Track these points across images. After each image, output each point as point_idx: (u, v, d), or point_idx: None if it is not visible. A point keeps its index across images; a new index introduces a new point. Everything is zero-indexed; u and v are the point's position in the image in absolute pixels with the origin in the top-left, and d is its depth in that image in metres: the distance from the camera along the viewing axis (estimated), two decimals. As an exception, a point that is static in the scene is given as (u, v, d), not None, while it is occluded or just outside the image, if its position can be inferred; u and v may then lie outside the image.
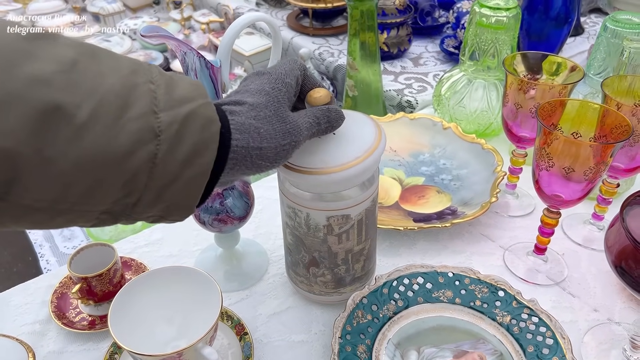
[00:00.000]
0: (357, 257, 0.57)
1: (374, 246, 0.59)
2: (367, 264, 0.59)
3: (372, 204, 0.55)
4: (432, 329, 0.59)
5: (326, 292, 0.59)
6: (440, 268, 0.62)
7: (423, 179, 0.80)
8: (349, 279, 0.59)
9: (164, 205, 0.36)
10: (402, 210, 0.74)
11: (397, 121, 0.88)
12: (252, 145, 0.38)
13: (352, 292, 0.59)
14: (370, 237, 0.57)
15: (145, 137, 0.33)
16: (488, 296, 0.60)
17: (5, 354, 0.55)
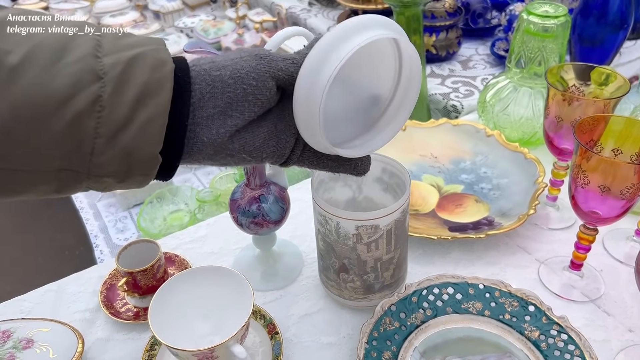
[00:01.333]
0: (387, 265, 0.58)
1: (404, 255, 0.61)
2: (397, 272, 0.61)
3: (402, 215, 0.56)
4: (459, 339, 0.59)
5: (355, 297, 0.61)
6: (471, 279, 0.63)
7: (462, 187, 0.80)
8: (378, 286, 0.60)
9: (123, 154, 0.34)
10: (438, 219, 0.74)
11: (439, 127, 0.88)
12: (203, 62, 0.38)
13: (382, 299, 0.61)
14: (400, 246, 0.58)
15: (86, 78, 0.32)
16: (518, 310, 0.60)
17: (59, 338, 0.60)
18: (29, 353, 0.58)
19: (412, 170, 0.83)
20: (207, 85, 0.37)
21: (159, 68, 0.35)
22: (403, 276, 0.63)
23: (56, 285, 0.71)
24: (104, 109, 0.33)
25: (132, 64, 0.34)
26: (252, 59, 0.38)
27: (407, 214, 0.57)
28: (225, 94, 0.37)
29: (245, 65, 0.38)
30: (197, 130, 0.38)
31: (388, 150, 0.84)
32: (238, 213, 0.62)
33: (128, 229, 0.90)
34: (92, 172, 0.35)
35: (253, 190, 0.61)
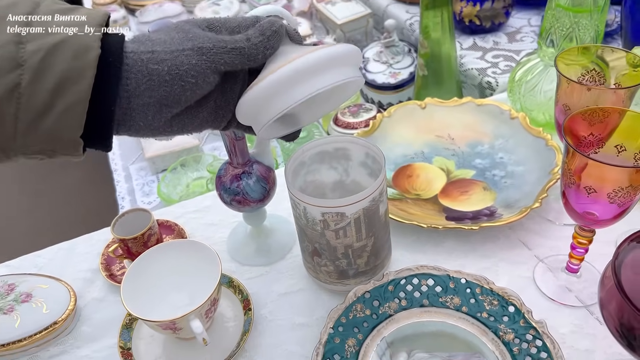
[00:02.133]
0: (359, 252, 0.57)
1: (381, 243, 0.59)
2: (373, 260, 0.59)
3: (373, 203, 0.54)
4: (430, 333, 0.57)
5: (330, 281, 0.61)
6: (453, 273, 0.60)
7: (473, 172, 0.76)
8: (352, 272, 0.59)
9: (45, 137, 0.36)
10: (438, 205, 0.71)
11: (462, 106, 0.84)
12: (142, 49, 0.37)
13: (357, 285, 0.60)
14: (374, 234, 0.57)
15: (5, 66, 0.34)
16: (497, 310, 0.57)
17: (55, 295, 0.65)
18: (26, 306, 0.63)
19: (425, 152, 0.80)
20: (144, 77, 0.37)
21: (81, 55, 0.35)
22: (382, 263, 0.61)
23: (68, 244, 0.76)
24: (23, 96, 0.34)
25: (54, 52, 0.35)
26: (194, 54, 0.38)
27: (380, 203, 0.55)
28: (161, 88, 0.38)
29: (185, 61, 0.38)
30: (133, 115, 0.38)
31: (403, 130, 0.82)
32: (221, 190, 0.63)
33: (153, 192, 0.95)
34: (19, 151, 0.37)
35: (235, 169, 0.62)
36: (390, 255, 0.63)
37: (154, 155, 0.97)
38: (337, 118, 0.92)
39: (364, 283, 0.60)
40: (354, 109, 0.93)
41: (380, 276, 0.61)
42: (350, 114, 0.92)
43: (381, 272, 0.62)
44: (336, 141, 0.60)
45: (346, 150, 0.60)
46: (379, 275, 0.61)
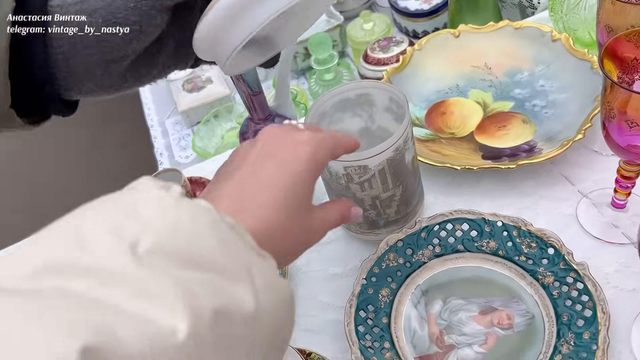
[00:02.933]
0: (387, 203, 0.56)
1: (411, 190, 0.57)
2: (403, 209, 0.58)
3: (397, 153, 0.52)
4: (467, 279, 0.56)
5: (362, 231, 0.60)
6: (489, 216, 0.58)
7: (512, 104, 0.71)
8: (382, 222, 0.58)
9: None
10: (474, 143, 0.68)
11: (499, 31, 0.78)
12: (70, 1, 0.33)
13: (389, 234, 0.59)
14: (402, 183, 0.55)
15: None
16: (535, 252, 0.55)
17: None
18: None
19: (460, 85, 0.76)
20: (76, 36, 0.33)
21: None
22: (414, 210, 0.59)
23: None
24: None
25: None
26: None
27: (406, 151, 0.53)
28: (99, 43, 0.34)
29: (122, 6, 0.33)
30: (78, 78, 0.36)
31: (436, 62, 0.78)
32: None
33: (189, 146, 0.95)
34: None
35: (257, 124, 0.60)
36: (423, 201, 0.61)
37: (187, 109, 0.97)
38: (366, 54, 0.87)
39: (396, 232, 0.59)
40: (384, 42, 0.88)
41: (413, 223, 0.59)
42: (380, 49, 0.87)
43: (413, 219, 0.60)
44: (357, 87, 0.57)
45: (369, 96, 0.58)
46: (412, 222, 0.60)
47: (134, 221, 0.24)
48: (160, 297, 0.22)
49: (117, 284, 0.22)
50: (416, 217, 0.60)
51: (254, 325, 0.25)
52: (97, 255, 0.23)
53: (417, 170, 0.58)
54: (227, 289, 0.24)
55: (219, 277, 0.24)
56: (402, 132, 0.51)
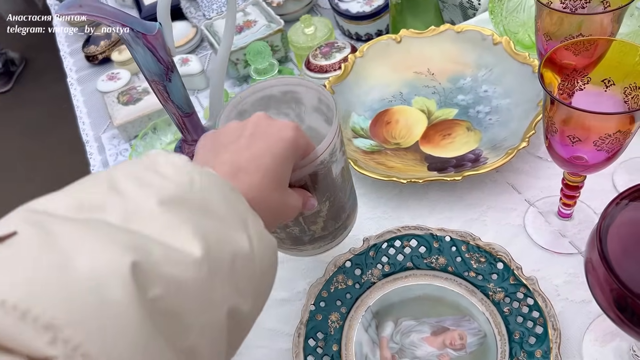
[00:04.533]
0: (312, 219, 0.51)
1: (341, 204, 0.52)
2: (331, 224, 0.53)
3: (322, 167, 0.47)
4: (417, 298, 0.54)
5: (286, 247, 0.55)
6: (437, 231, 0.56)
7: (456, 111, 0.70)
8: (307, 238, 0.53)
9: None
10: (420, 153, 0.66)
11: (441, 35, 0.76)
12: None
13: (314, 250, 0.55)
14: (329, 198, 0.50)
15: None
16: (485, 267, 0.53)
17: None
18: None
19: (403, 93, 0.74)
20: None
21: None
22: (344, 225, 0.55)
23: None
24: None
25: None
26: None
27: (332, 163, 0.48)
28: None
29: None
30: None
31: (379, 69, 0.76)
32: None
33: (127, 162, 0.89)
34: None
35: (190, 146, 0.57)
36: (355, 214, 0.57)
37: (124, 122, 0.91)
38: (308, 61, 0.85)
39: (322, 247, 0.55)
40: (326, 49, 0.86)
41: (360, 242, 0.57)
42: (322, 55, 0.84)
43: (345, 232, 0.56)
44: (281, 84, 0.52)
45: (295, 94, 0.52)
46: (343, 236, 0.55)
47: (157, 176, 0.30)
48: (182, 233, 0.28)
49: (147, 222, 0.27)
50: (346, 231, 0.56)
51: (248, 265, 0.31)
52: (129, 199, 0.28)
53: (349, 182, 0.53)
54: (229, 232, 0.31)
55: (223, 224, 0.31)
56: (327, 145, 0.46)
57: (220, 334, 0.29)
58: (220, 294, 0.29)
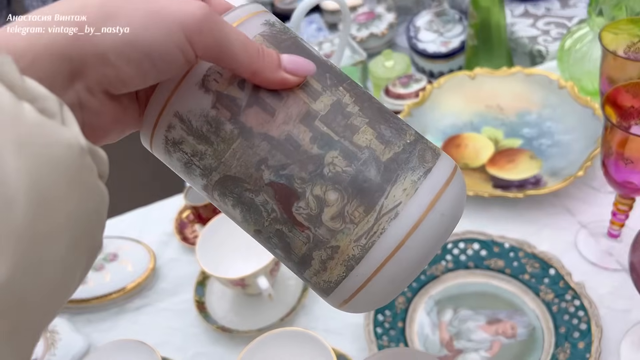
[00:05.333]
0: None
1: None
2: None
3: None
4: (474, 293, 0.62)
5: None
6: (497, 238, 0.65)
7: (521, 141, 0.79)
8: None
9: None
10: (485, 174, 0.75)
11: (512, 76, 0.86)
12: None
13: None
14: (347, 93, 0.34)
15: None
16: (538, 272, 0.61)
17: (137, 255, 0.73)
18: (114, 265, 0.72)
19: (474, 122, 0.83)
20: None
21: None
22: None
23: (145, 209, 0.84)
24: None
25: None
26: None
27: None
28: None
29: None
30: None
31: (452, 100, 0.86)
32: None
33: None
34: None
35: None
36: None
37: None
38: (388, 89, 0.95)
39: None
40: (405, 79, 0.96)
41: (428, 240, 0.66)
42: (400, 84, 0.95)
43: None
44: None
45: None
46: None
47: None
48: None
49: None
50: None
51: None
52: None
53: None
54: None
55: None
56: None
57: None
58: None
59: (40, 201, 0.18)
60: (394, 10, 1.27)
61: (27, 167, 0.17)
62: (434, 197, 0.27)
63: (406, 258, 0.27)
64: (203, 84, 0.27)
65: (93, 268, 0.73)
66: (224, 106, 0.27)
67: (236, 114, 0.27)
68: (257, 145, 0.27)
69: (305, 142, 0.27)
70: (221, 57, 0.25)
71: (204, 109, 0.27)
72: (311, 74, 0.28)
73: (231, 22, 0.28)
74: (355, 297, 0.28)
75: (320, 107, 0.28)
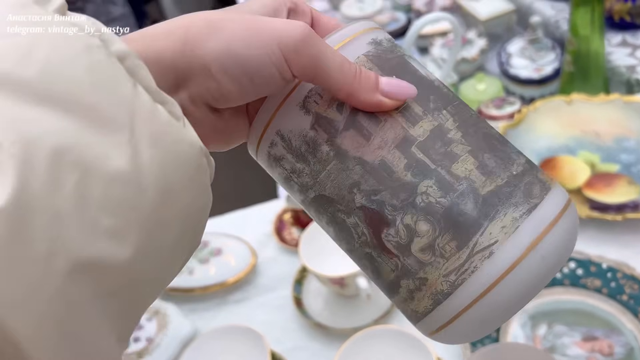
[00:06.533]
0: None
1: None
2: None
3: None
4: (569, 310, 0.63)
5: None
6: (595, 258, 0.65)
7: (618, 166, 0.79)
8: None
9: None
10: (582, 196, 0.76)
11: (610, 103, 0.86)
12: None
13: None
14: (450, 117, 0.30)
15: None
16: (637, 294, 0.61)
17: (239, 252, 0.79)
18: (218, 259, 0.78)
19: (569, 145, 0.84)
20: None
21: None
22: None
23: (248, 210, 0.90)
24: None
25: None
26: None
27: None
28: None
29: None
30: None
31: (548, 123, 0.87)
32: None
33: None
34: None
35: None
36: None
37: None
38: (480, 111, 0.98)
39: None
40: (498, 102, 0.98)
41: (523, 256, 0.67)
42: (494, 106, 0.97)
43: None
44: None
45: None
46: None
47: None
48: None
49: None
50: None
51: (125, 190, 0.19)
52: None
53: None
54: (88, 137, 0.18)
55: (79, 119, 0.18)
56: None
57: (61, 304, 0.18)
58: (45, 245, 0.17)
59: (166, 190, 0.20)
60: (484, 36, 1.29)
61: (159, 159, 0.20)
62: (535, 237, 0.25)
63: (497, 301, 0.25)
64: (304, 104, 0.28)
65: (199, 260, 0.79)
66: (322, 128, 0.28)
67: (333, 136, 0.27)
68: (351, 168, 0.27)
69: (399, 168, 0.26)
70: (317, 77, 0.26)
71: (303, 129, 0.28)
72: (411, 97, 0.27)
73: (337, 42, 0.28)
74: (441, 331, 0.27)
75: (419, 132, 0.27)
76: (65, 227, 0.18)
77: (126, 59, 0.21)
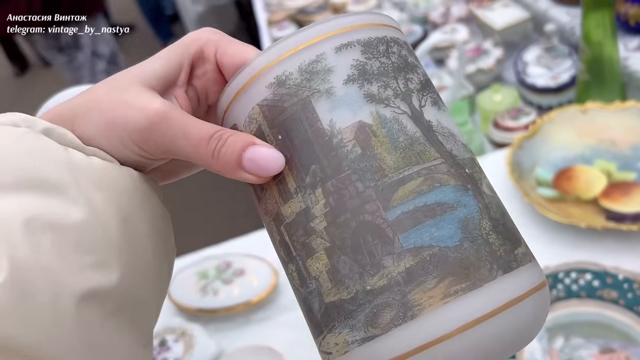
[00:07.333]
0: (302, 232, 0.32)
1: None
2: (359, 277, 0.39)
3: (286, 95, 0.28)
4: (586, 322, 0.63)
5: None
6: (611, 269, 0.65)
7: (635, 175, 0.79)
8: (314, 303, 0.37)
9: None
10: (598, 207, 0.76)
11: (626, 110, 0.86)
12: None
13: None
14: (332, 190, 0.28)
15: None
16: (655, 305, 0.61)
17: (261, 271, 0.81)
18: (241, 279, 0.81)
19: (585, 154, 0.84)
20: None
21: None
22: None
23: (265, 232, 0.93)
24: None
25: None
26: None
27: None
28: None
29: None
30: None
31: (563, 133, 0.87)
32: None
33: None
34: None
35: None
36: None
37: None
38: (496, 122, 0.98)
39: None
40: (514, 113, 0.99)
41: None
42: (510, 117, 0.97)
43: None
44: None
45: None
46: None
47: None
48: None
49: None
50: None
51: (90, 231, 0.23)
52: None
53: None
54: (46, 202, 0.22)
55: (34, 191, 0.22)
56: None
57: (73, 329, 0.21)
58: (50, 291, 0.21)
59: (124, 218, 0.24)
60: (500, 46, 1.29)
61: (108, 197, 0.24)
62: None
63: None
64: None
65: (223, 281, 0.81)
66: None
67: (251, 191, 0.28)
68: (265, 222, 0.27)
69: (276, 242, 0.26)
70: (177, 156, 0.26)
71: None
72: (275, 173, 0.25)
73: (234, 90, 0.26)
74: None
75: (287, 212, 0.25)
76: (57, 274, 0.21)
77: (52, 132, 0.24)
